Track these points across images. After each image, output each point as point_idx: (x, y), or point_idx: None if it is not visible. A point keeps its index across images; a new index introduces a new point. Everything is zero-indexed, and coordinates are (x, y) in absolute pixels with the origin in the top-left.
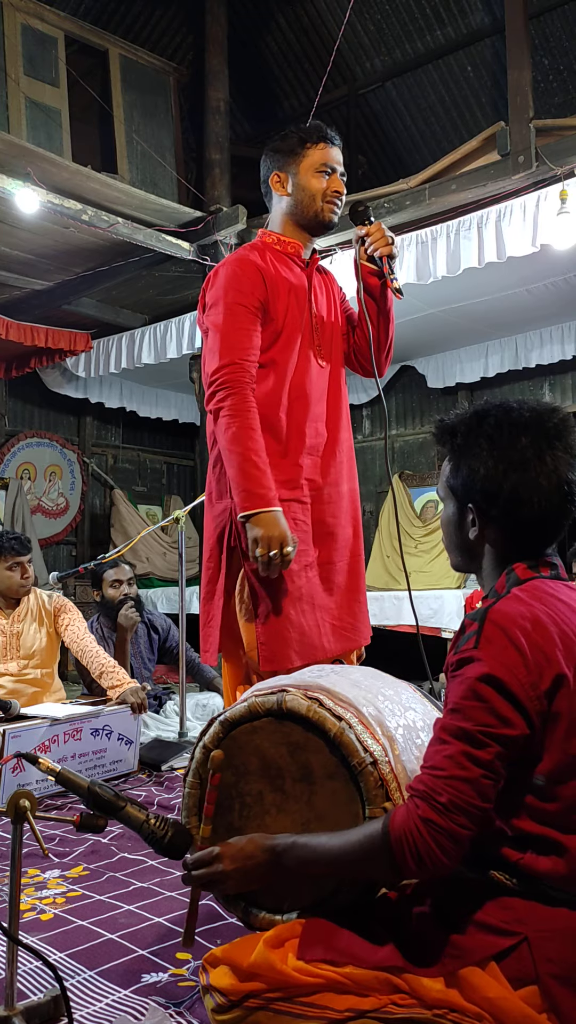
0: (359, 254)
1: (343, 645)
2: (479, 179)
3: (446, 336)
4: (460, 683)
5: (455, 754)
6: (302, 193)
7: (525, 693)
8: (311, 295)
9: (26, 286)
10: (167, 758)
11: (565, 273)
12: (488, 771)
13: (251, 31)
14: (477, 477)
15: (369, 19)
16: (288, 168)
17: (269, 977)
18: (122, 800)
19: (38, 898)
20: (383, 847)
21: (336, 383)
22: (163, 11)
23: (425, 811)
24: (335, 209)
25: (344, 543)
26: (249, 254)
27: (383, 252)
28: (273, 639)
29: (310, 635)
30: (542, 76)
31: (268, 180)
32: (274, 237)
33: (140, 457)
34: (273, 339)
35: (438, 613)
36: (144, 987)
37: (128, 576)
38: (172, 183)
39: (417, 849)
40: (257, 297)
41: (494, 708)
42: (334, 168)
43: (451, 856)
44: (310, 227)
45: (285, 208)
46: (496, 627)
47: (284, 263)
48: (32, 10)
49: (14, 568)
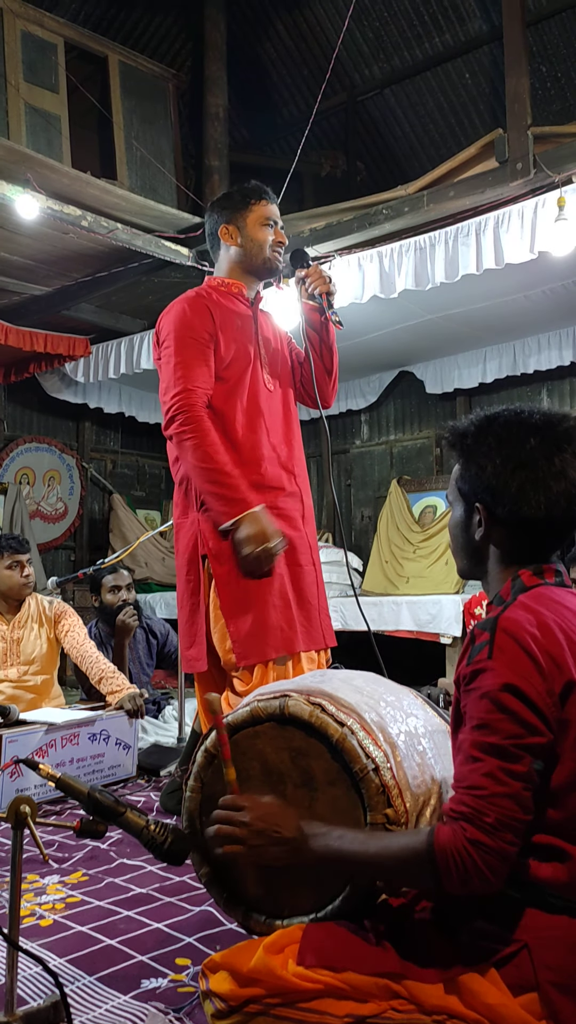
0: (300, 293)
1: (311, 643)
2: (477, 186)
3: (444, 342)
4: (479, 697)
5: (492, 771)
6: (251, 243)
7: (543, 700)
8: (256, 325)
9: (25, 291)
10: (165, 763)
11: (563, 279)
12: (526, 782)
13: (250, 38)
14: (485, 475)
15: (368, 26)
16: (236, 221)
17: (269, 982)
18: (122, 806)
19: (37, 903)
20: (426, 863)
21: (287, 405)
22: (162, 18)
23: (473, 833)
24: (279, 256)
25: (304, 550)
26: (197, 294)
27: (322, 290)
28: (246, 635)
29: (282, 628)
30: (540, 83)
31: (217, 232)
32: (219, 280)
33: (139, 462)
34: (225, 363)
35: (436, 618)
36: (143, 992)
37: (127, 582)
38: (171, 189)
39: (466, 870)
40: (207, 329)
41: (520, 717)
42: (276, 221)
43: (499, 875)
44: (258, 272)
45: (234, 256)
46: (508, 636)
47: (229, 300)
48: (32, 16)
49: (14, 567)
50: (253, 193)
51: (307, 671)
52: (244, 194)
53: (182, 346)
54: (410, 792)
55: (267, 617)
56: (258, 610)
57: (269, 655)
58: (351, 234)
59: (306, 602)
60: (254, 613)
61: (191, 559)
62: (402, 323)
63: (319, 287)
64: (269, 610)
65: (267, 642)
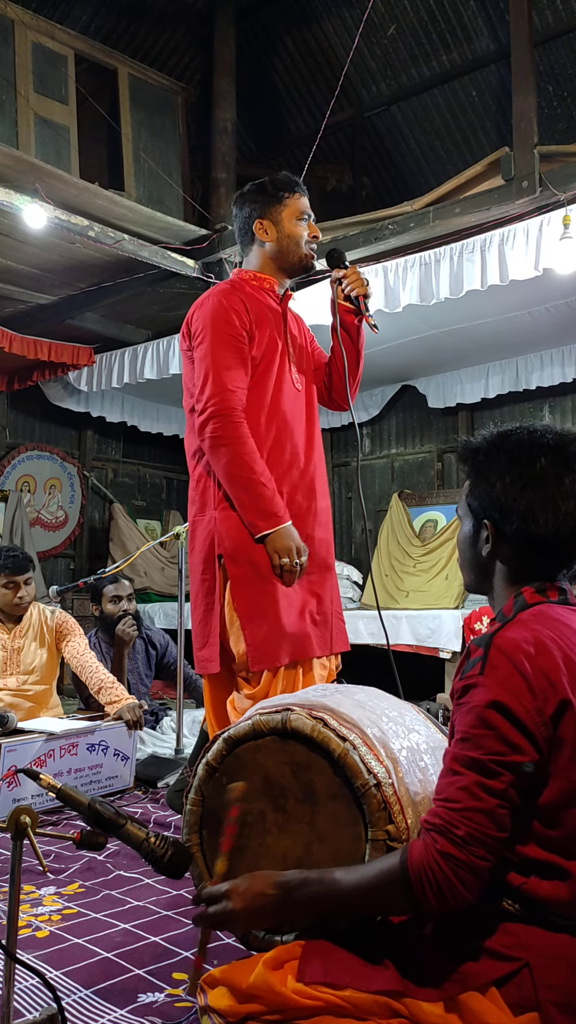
0: (336, 294)
1: (324, 649)
2: (483, 203)
3: (448, 357)
4: (467, 711)
5: (469, 785)
6: (287, 239)
7: (531, 719)
8: (286, 322)
9: (31, 300)
10: (163, 775)
11: (566, 297)
12: (503, 800)
13: (259, 53)
14: (494, 492)
15: (376, 43)
16: (270, 216)
17: (268, 999)
18: (122, 818)
19: (34, 915)
20: (401, 883)
21: (310, 407)
22: (172, 32)
23: (443, 845)
24: (314, 253)
25: (319, 556)
26: (232, 286)
27: (359, 292)
28: (261, 640)
29: (297, 634)
30: (547, 103)
31: (251, 227)
32: (251, 273)
33: (140, 472)
34: (256, 360)
35: (436, 633)
36: (140, 1007)
37: (128, 592)
38: (178, 201)
39: (438, 884)
40: (243, 326)
41: (503, 735)
42: (309, 215)
43: (471, 889)
44: (291, 269)
45: (269, 252)
46: (501, 653)
47: (261, 295)
48: (43, 29)
49: (9, 586)
50: (287, 186)
51: (318, 676)
52: (277, 187)
53: (219, 344)
54: (412, 808)
55: (282, 622)
56: (273, 615)
57: (282, 660)
58: (356, 248)
59: (321, 605)
60: (270, 617)
61: (207, 558)
62: (406, 337)
63: (356, 289)
64: (283, 615)
65: (281, 647)
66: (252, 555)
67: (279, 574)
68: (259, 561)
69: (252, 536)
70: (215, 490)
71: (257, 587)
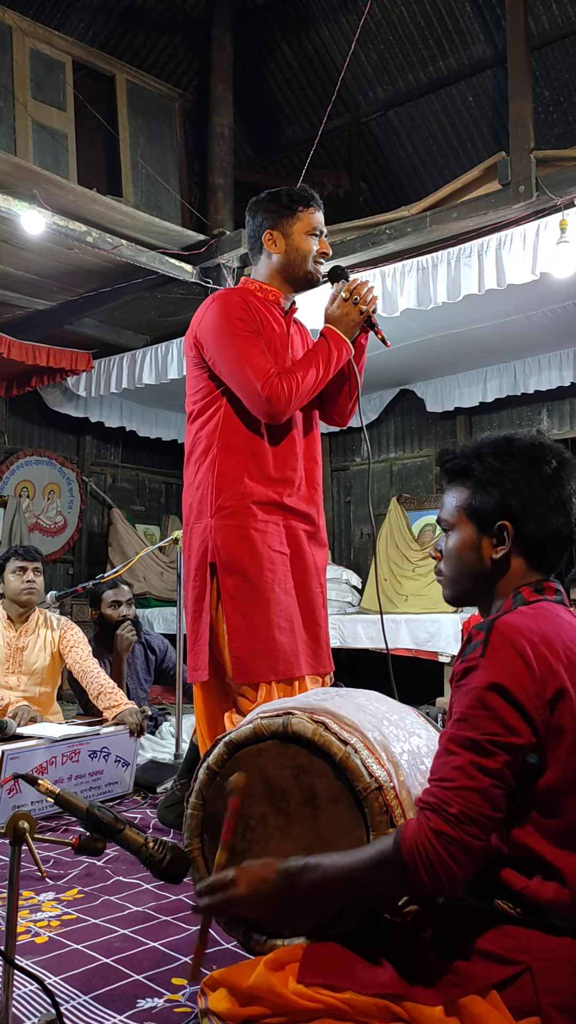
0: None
1: (313, 668)
2: (480, 208)
3: (445, 361)
4: (466, 693)
5: (463, 764)
6: (295, 253)
7: (530, 702)
8: (289, 339)
9: (29, 306)
10: (162, 780)
11: (564, 301)
12: (497, 780)
13: (256, 59)
14: (520, 492)
15: (372, 49)
16: (281, 228)
17: (269, 1000)
18: (121, 823)
19: (32, 920)
20: (395, 862)
21: (310, 421)
22: (169, 38)
23: (436, 823)
24: (320, 270)
25: (313, 572)
26: (238, 293)
27: (372, 308)
28: (248, 653)
29: (287, 652)
30: (543, 107)
31: (260, 237)
32: (257, 284)
33: (139, 477)
34: None
35: (435, 637)
36: (139, 1012)
37: (127, 597)
38: (176, 206)
39: (431, 862)
40: (254, 320)
41: (500, 717)
42: (321, 231)
43: (464, 868)
44: (297, 283)
45: (276, 264)
46: (502, 637)
47: (265, 307)
48: (41, 35)
49: (19, 571)
50: (302, 199)
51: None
52: (292, 199)
53: (241, 339)
54: (413, 812)
55: (272, 637)
56: (263, 630)
57: (267, 677)
58: (354, 253)
59: (314, 624)
60: (258, 632)
61: (200, 565)
62: (403, 342)
63: (371, 305)
64: (274, 630)
65: (268, 664)
66: (245, 567)
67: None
68: (252, 574)
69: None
70: (212, 497)
71: (248, 600)
